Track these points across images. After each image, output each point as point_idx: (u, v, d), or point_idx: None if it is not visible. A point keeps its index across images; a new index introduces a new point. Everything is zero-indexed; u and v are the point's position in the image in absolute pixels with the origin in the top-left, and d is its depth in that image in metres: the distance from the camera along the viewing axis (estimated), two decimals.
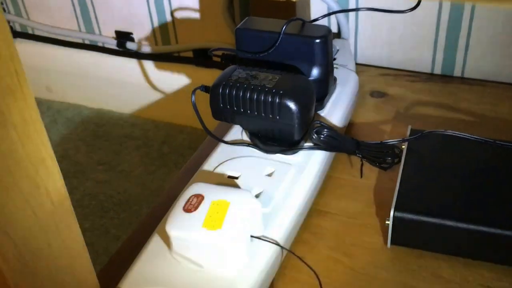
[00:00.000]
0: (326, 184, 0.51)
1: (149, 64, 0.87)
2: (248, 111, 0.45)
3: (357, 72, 0.61)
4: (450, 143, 0.48)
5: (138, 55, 0.87)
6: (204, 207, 0.38)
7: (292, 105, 0.44)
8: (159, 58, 0.86)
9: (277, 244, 0.39)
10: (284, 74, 0.45)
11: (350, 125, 0.57)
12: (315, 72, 0.50)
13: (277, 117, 0.44)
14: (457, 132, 0.47)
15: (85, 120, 0.93)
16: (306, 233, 0.46)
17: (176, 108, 0.87)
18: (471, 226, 0.41)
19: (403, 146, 0.48)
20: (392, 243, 0.44)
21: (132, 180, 0.81)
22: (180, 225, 0.37)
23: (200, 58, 0.83)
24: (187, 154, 0.83)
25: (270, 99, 0.44)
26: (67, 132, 0.91)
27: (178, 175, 0.53)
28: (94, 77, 0.92)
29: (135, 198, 0.78)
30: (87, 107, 0.96)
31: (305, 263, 0.40)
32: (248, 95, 0.44)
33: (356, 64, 0.67)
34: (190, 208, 0.38)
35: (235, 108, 0.45)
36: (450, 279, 0.42)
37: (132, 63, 0.88)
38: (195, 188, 0.39)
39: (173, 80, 0.86)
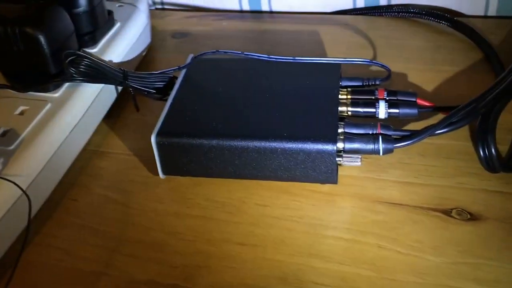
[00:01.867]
0: (110, 126, 0.47)
1: None
2: None
3: (162, 17, 0.59)
4: (229, 66, 0.45)
5: None
6: None
7: (36, 33, 0.39)
8: None
9: (12, 182, 0.34)
10: (29, 3, 0.41)
11: (143, 67, 0.54)
12: (78, 2, 0.45)
13: (22, 48, 0.40)
14: (230, 51, 0.44)
15: None
16: (82, 176, 0.42)
17: None
18: (237, 143, 0.37)
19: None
20: (164, 173, 0.40)
21: None
22: None
23: None
24: None
25: (11, 29, 0.39)
26: None
27: None
28: None
29: None
30: None
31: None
32: None
33: (163, 8, 0.63)
34: None
35: None
36: (226, 202, 0.39)
37: None
38: None
39: None
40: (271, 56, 0.42)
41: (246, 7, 0.63)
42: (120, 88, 0.47)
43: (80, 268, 0.35)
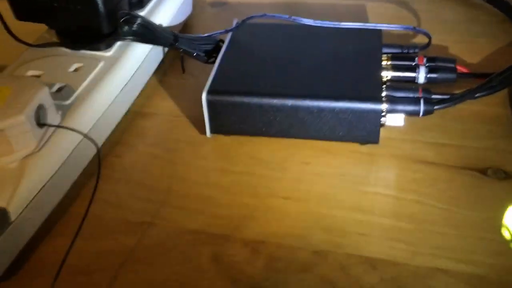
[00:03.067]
0: (153, 88, 0.49)
1: None
2: (52, 4, 0.42)
3: None
4: (274, 30, 0.47)
5: None
6: None
7: None
8: None
9: (74, 130, 0.36)
10: None
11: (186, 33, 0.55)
12: None
13: (79, 7, 0.41)
14: (277, 15, 0.45)
15: None
16: (126, 135, 0.44)
17: None
18: (286, 102, 0.39)
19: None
20: (212, 131, 0.42)
21: None
22: None
23: None
24: None
25: None
26: None
27: None
28: None
29: None
30: None
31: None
32: None
33: None
34: None
35: (39, 2, 0.42)
36: (269, 160, 0.41)
37: None
38: None
39: None
40: (316, 21, 0.44)
41: None
42: (166, 50, 0.49)
43: (129, 219, 0.37)
